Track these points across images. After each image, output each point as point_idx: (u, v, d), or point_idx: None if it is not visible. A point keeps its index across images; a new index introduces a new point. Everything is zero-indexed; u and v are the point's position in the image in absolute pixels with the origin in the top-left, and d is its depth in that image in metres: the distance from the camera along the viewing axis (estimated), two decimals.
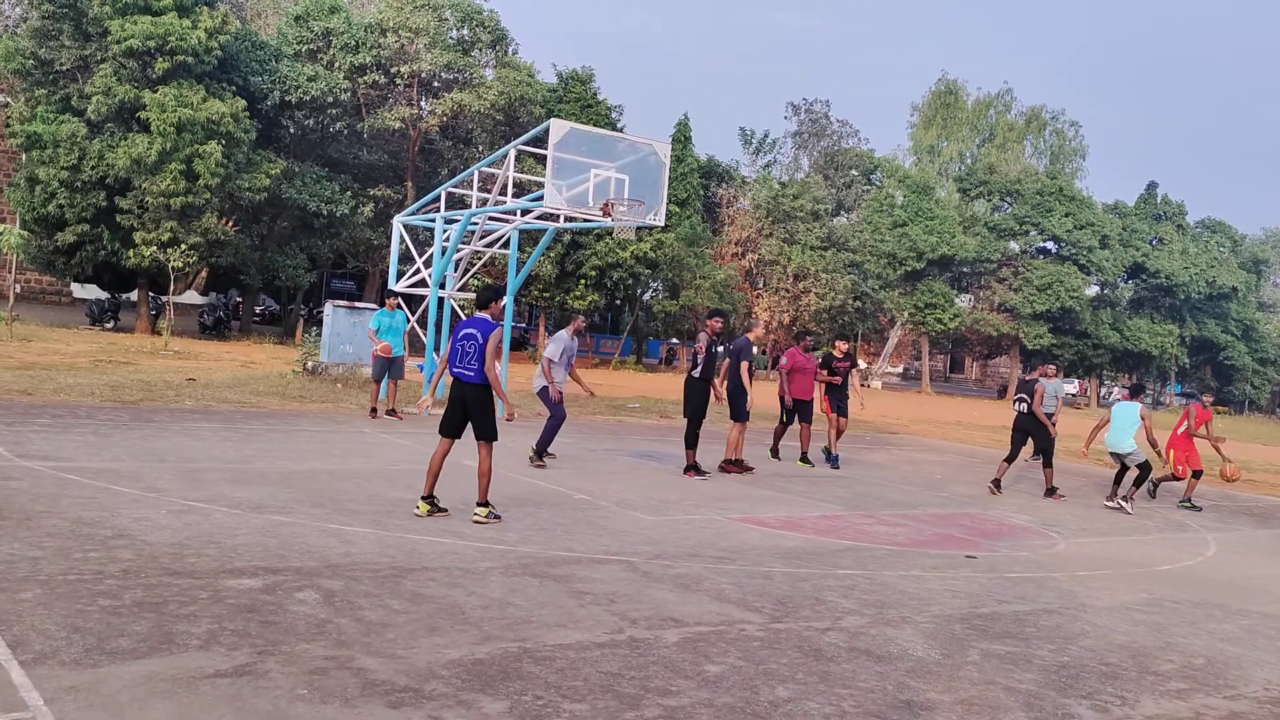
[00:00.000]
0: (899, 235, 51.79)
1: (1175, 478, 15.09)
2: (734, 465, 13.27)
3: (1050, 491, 14.24)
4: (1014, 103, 73.21)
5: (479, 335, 8.43)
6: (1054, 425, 14.82)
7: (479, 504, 8.59)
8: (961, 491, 14.01)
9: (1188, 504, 14.58)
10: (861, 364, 62.20)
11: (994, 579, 8.33)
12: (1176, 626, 7.28)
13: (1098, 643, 6.62)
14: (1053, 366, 15.79)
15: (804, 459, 15.20)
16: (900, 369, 72.69)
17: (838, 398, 15.70)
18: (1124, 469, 14.05)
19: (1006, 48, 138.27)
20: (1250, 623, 7.64)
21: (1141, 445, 13.75)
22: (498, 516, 8.61)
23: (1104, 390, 67.57)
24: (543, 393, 12.76)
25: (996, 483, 14.02)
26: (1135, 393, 14.31)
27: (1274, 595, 8.84)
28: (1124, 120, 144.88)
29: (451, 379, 8.62)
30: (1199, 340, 62.26)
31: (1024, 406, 14.40)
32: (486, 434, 8.52)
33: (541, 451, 12.39)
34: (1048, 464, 14.46)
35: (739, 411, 13.23)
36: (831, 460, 15.36)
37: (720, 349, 12.97)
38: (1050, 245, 56.42)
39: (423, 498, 8.60)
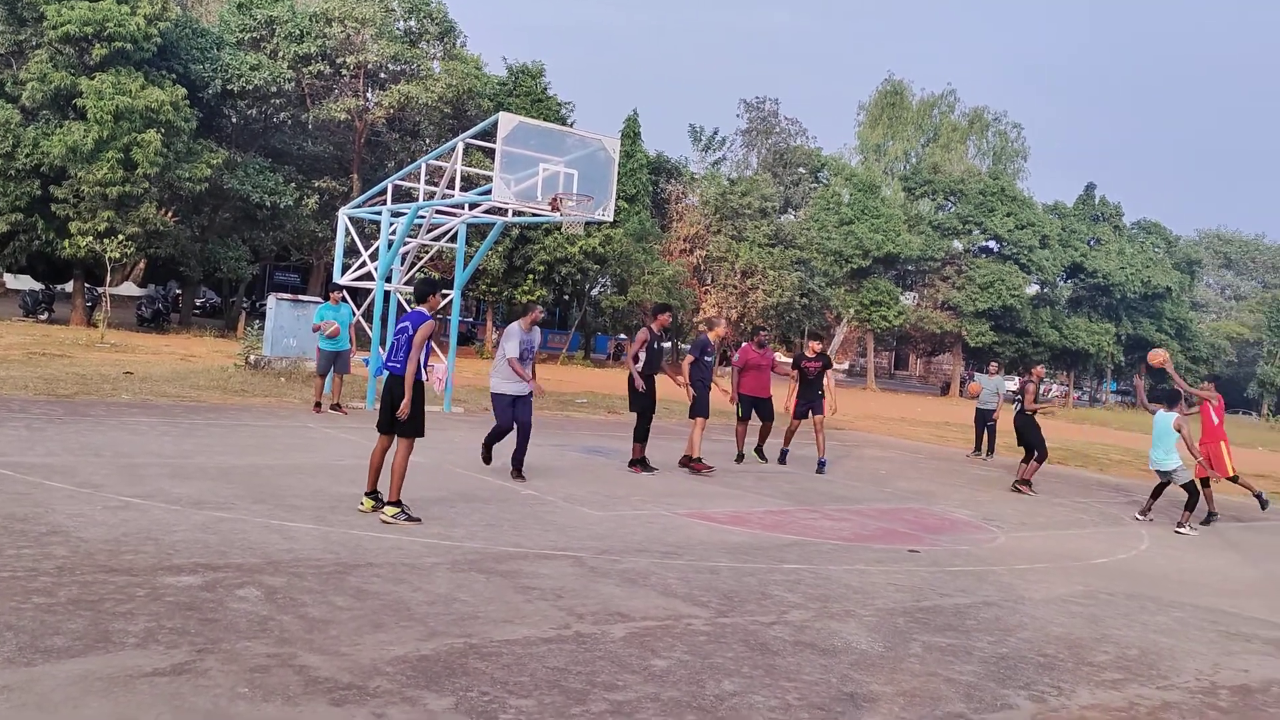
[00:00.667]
0: (845, 233, 52.30)
1: (1230, 478, 13.91)
2: (695, 462, 13.18)
3: (1022, 484, 14.61)
4: (957, 103, 74.28)
5: (411, 328, 8.27)
6: (995, 418, 15.22)
7: (389, 503, 8.15)
8: (905, 486, 14.20)
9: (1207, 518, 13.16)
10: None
11: (936, 573, 8.45)
12: (1111, 619, 7.45)
13: (1035, 634, 6.75)
14: (994, 364, 16.09)
15: (758, 451, 15.18)
16: (846, 366, 73.41)
17: (807, 398, 15.07)
18: (1163, 485, 13.03)
19: (951, 49, 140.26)
20: (1183, 614, 7.84)
21: (1184, 460, 12.57)
22: (413, 518, 8.14)
23: (1042, 388, 68.76)
24: (497, 399, 11.09)
25: (1026, 483, 14.61)
26: (1171, 401, 12.89)
27: (1205, 588, 9.08)
28: (1064, 122, 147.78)
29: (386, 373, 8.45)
30: (1134, 339, 63.68)
31: (1018, 406, 15.19)
32: (408, 430, 8.24)
33: (486, 453, 11.26)
34: (1040, 460, 14.86)
35: (700, 408, 13.22)
36: (780, 457, 15.32)
37: (658, 346, 12.80)
38: (992, 244, 57.39)
39: (366, 493, 8.50)
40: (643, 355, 12.56)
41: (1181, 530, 12.27)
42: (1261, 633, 7.50)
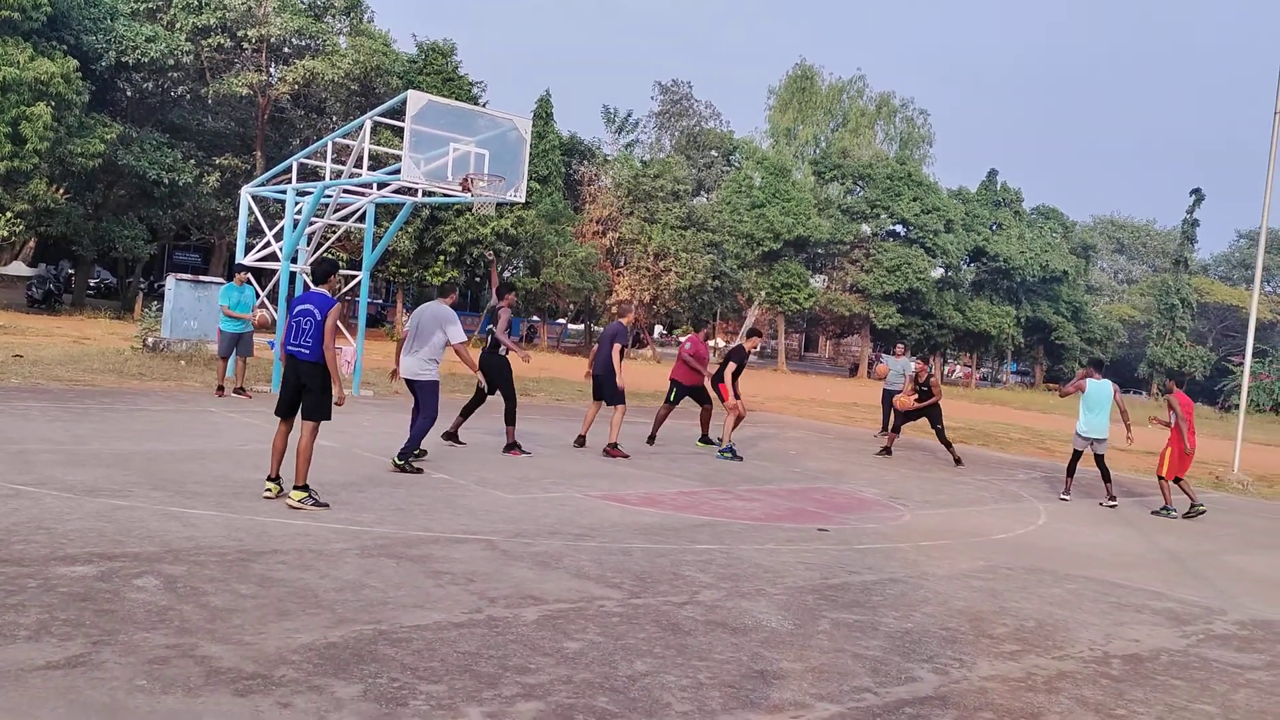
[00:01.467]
0: (757, 216, 52.79)
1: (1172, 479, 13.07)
2: (614, 448, 13.13)
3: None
4: (866, 89, 75.40)
5: (317, 311, 8.05)
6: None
7: (296, 487, 8.00)
8: (815, 466, 14.44)
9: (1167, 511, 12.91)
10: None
11: (844, 551, 8.62)
12: (1010, 592, 7.69)
13: (938, 609, 6.93)
14: (900, 345, 16.47)
15: (704, 439, 15.25)
16: (757, 347, 74.27)
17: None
18: (1078, 457, 13.52)
19: (860, 36, 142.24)
20: (1077, 587, 8.13)
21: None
22: (321, 503, 8.02)
23: (945, 368, 70.59)
24: (432, 386, 10.83)
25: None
26: (1099, 366, 13.92)
27: (1099, 561, 9.44)
28: (968, 110, 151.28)
29: (286, 356, 8.22)
30: (1033, 321, 65.75)
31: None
32: (317, 414, 8.10)
33: (407, 454, 10.43)
34: (894, 431, 15.90)
35: (615, 395, 13.18)
36: (726, 451, 14.59)
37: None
38: (899, 228, 58.60)
39: (270, 479, 8.30)
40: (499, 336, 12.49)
41: (1114, 504, 13.16)
42: (1151, 604, 7.83)
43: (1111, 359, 74.43)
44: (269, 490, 8.24)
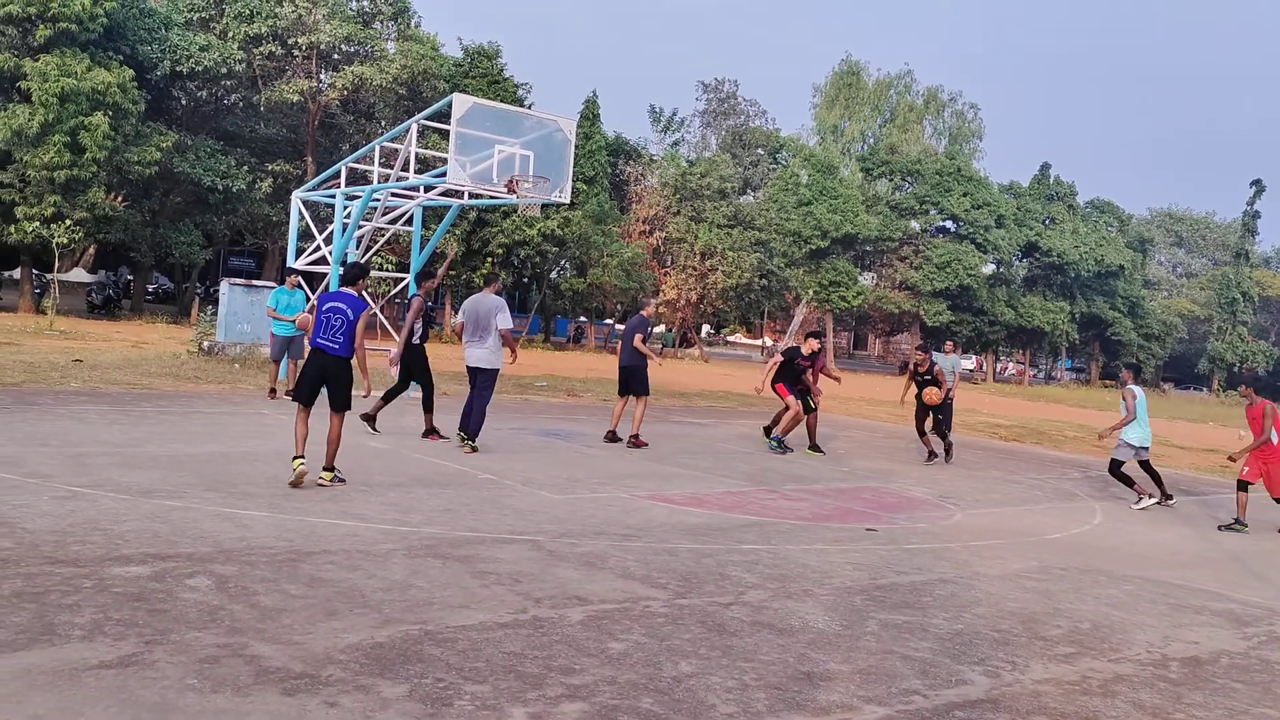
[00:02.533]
0: (804, 214, 52.49)
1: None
2: (636, 439, 13.39)
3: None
4: (913, 84, 74.66)
5: (349, 311, 8.70)
6: (951, 398, 15.43)
7: (325, 468, 8.85)
8: (863, 465, 14.30)
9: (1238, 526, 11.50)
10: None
11: (893, 551, 8.51)
12: (1064, 593, 7.54)
13: (990, 610, 6.82)
14: (950, 343, 16.23)
15: (813, 447, 15.06)
16: (815, 349, 73.74)
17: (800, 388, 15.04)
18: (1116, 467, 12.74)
19: (907, 30, 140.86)
20: (1133, 588, 7.96)
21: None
22: (342, 480, 8.91)
23: (998, 366, 69.70)
24: (494, 373, 11.82)
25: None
26: (1139, 373, 13.13)
27: (1156, 561, 9.23)
28: (1020, 103, 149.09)
29: (311, 349, 8.90)
30: (1088, 317, 64.63)
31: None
32: (342, 405, 8.83)
33: (475, 434, 11.66)
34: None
35: (642, 387, 13.38)
36: (779, 446, 14.77)
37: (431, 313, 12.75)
38: (949, 224, 57.91)
39: (296, 457, 8.75)
40: (419, 326, 12.52)
41: (1172, 502, 12.78)
42: (1210, 605, 7.64)
43: (1170, 354, 73.02)
44: (298, 464, 8.71)
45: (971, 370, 63.30)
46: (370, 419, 12.43)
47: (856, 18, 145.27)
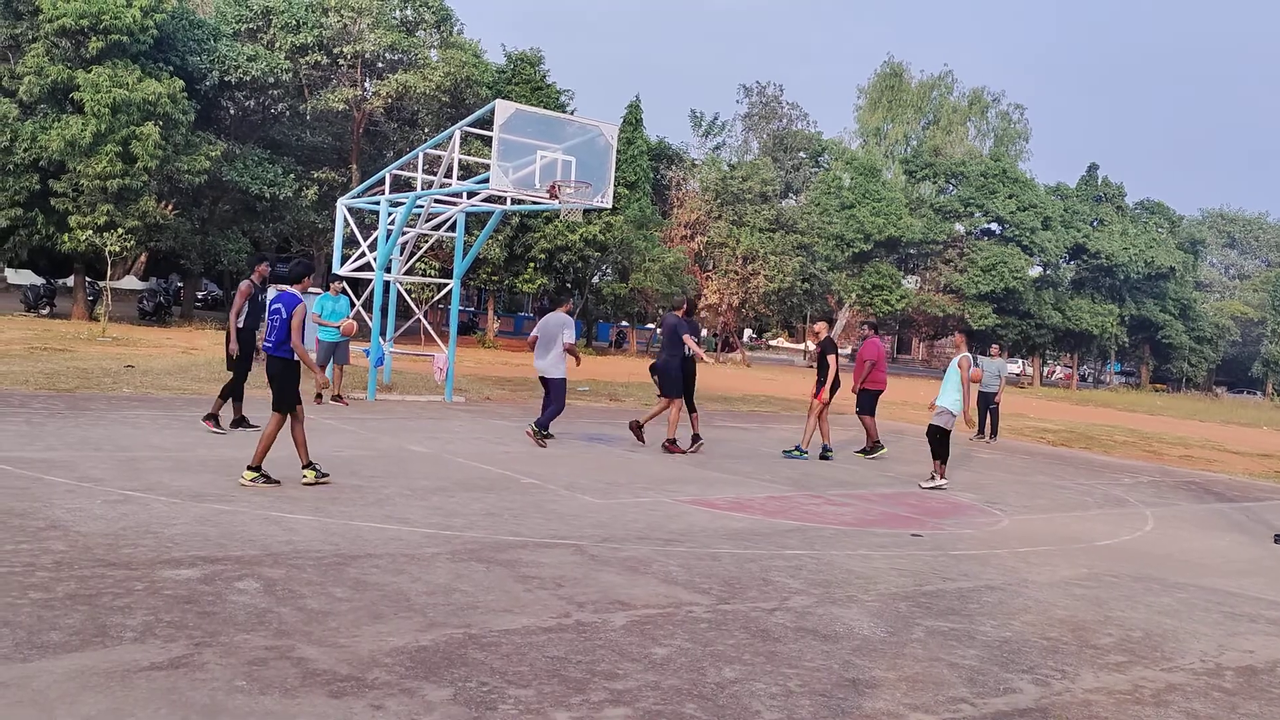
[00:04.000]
0: (846, 217, 52.18)
1: None
2: (672, 445, 13.33)
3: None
4: (955, 84, 73.99)
5: (283, 310, 8.79)
6: (997, 401, 15.22)
7: (250, 467, 8.72)
8: (908, 471, 14.16)
9: None
10: (840, 349, 62.64)
11: (939, 556, 8.42)
12: (1115, 601, 7.41)
13: (1039, 618, 6.72)
14: (995, 346, 16.04)
15: (877, 447, 15.14)
16: (848, 350, 73.31)
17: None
18: None
19: (950, 31, 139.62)
20: (1187, 596, 7.80)
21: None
22: (274, 481, 8.71)
23: (1045, 369, 68.76)
24: (561, 382, 13.34)
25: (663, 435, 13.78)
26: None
27: (1210, 568, 9.05)
28: (1066, 103, 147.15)
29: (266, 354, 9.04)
30: (1138, 320, 63.58)
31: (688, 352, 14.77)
32: (281, 405, 8.82)
33: (544, 426, 13.11)
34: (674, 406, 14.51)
35: (673, 388, 13.38)
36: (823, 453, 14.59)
37: (261, 299, 11.93)
38: (994, 227, 57.25)
39: (305, 466, 8.89)
40: (245, 309, 11.81)
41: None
42: (1266, 613, 7.46)
43: (1223, 358, 71.59)
44: (306, 477, 8.85)
45: (1017, 374, 62.55)
46: (213, 418, 11.74)
47: (899, 19, 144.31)
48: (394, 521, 7.84)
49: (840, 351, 15.36)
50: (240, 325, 11.71)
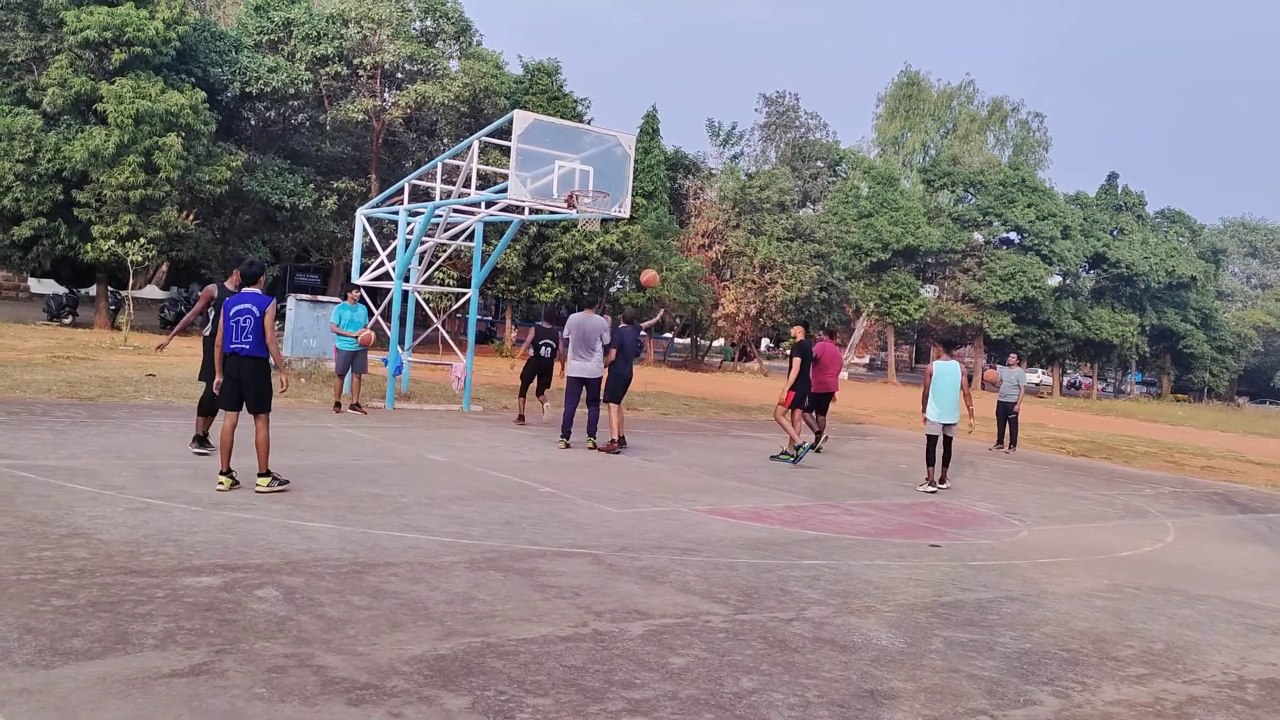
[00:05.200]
0: (864, 226, 52.05)
1: None
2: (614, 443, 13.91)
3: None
4: (976, 94, 73.76)
5: (255, 309, 8.69)
6: (1016, 411, 15.21)
7: (260, 474, 8.75)
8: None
9: None
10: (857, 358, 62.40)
11: (957, 567, 8.38)
12: (1136, 612, 7.36)
13: (1059, 629, 6.67)
14: (1014, 355, 16.00)
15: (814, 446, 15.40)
16: (866, 360, 73.12)
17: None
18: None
19: (968, 39, 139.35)
20: (1209, 608, 7.74)
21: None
22: (284, 483, 8.83)
23: (1064, 379, 68.34)
24: (599, 381, 13.83)
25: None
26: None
27: (1232, 580, 8.97)
28: (1085, 111, 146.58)
29: (225, 355, 8.79)
30: (1159, 329, 63.13)
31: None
32: (263, 406, 8.83)
33: (594, 432, 13.88)
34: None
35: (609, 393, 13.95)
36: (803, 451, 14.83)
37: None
38: (1013, 236, 56.98)
39: (222, 473, 8.78)
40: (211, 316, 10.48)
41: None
42: None
43: (1245, 368, 71.00)
44: (221, 484, 8.70)
45: (1037, 384, 62.17)
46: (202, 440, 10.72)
47: (918, 28, 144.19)
48: (412, 530, 7.87)
49: (855, 360, 15.44)
50: (207, 333, 10.51)
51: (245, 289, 9.07)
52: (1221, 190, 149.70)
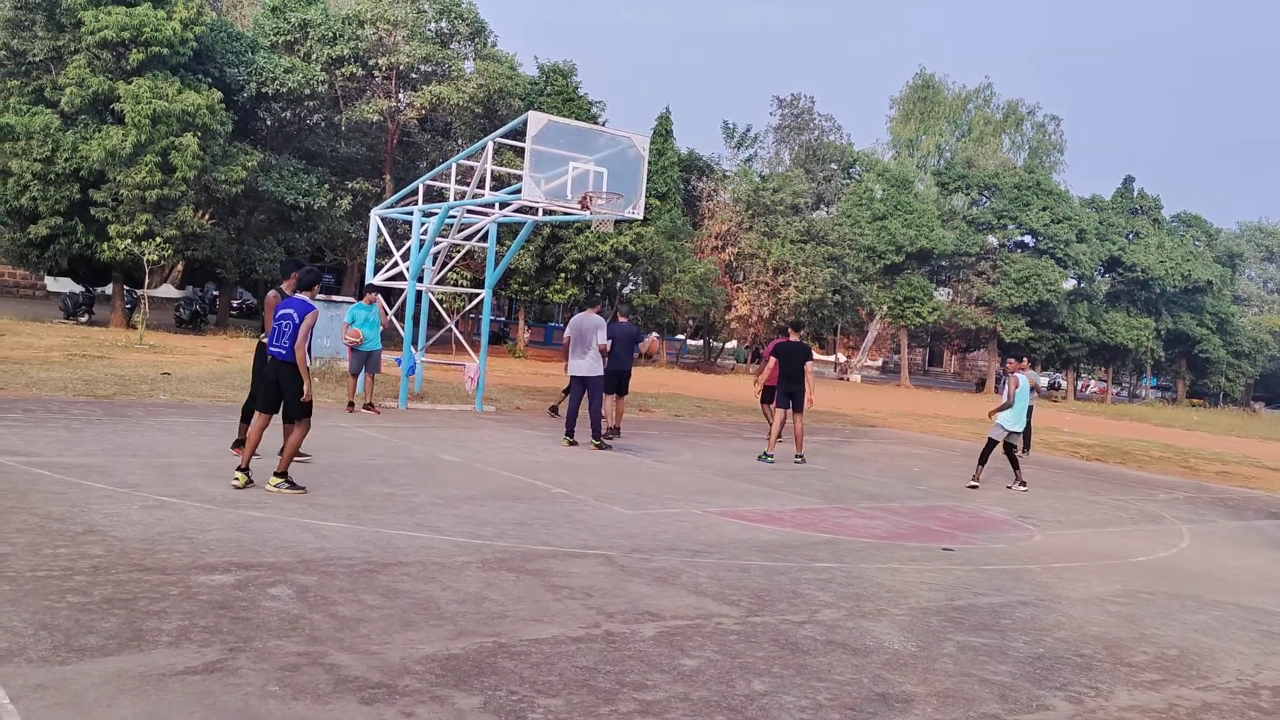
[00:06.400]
0: (878, 229, 51.93)
1: None
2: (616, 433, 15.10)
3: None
4: (993, 97, 73.49)
5: (295, 316, 8.77)
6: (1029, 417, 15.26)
7: (276, 473, 8.77)
8: (939, 484, 14.06)
9: None
10: (870, 360, 62.42)
11: (970, 571, 8.35)
12: (1151, 618, 7.32)
13: (1072, 634, 6.65)
14: (1025, 359, 15.95)
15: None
16: (879, 362, 72.91)
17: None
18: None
19: (984, 42, 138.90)
20: (1224, 614, 7.69)
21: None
22: (298, 488, 8.76)
23: (1079, 383, 68.02)
24: (600, 379, 14.03)
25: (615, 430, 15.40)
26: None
27: (1247, 586, 8.91)
28: (1101, 114, 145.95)
29: (268, 357, 8.98)
30: (1174, 334, 62.77)
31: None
32: (299, 413, 8.84)
33: (598, 434, 14.07)
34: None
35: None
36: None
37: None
38: (1028, 239, 56.74)
39: (240, 469, 8.83)
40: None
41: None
42: None
43: (1261, 372, 70.53)
44: (237, 480, 8.76)
45: (1051, 388, 61.90)
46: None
47: (933, 31, 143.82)
48: (425, 530, 7.89)
49: (868, 363, 15.53)
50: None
51: (296, 294, 9.09)
52: (1238, 194, 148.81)
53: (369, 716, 4.25)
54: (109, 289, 34.60)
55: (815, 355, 16.93)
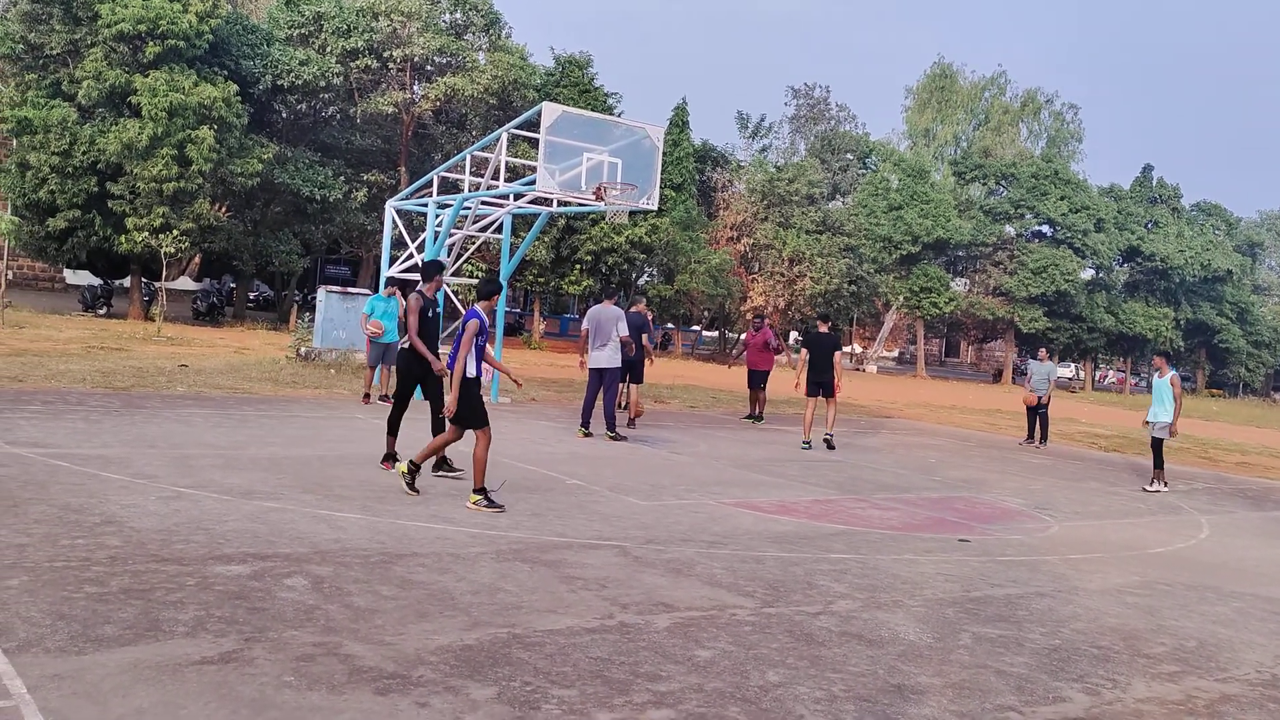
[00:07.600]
0: (894, 219, 51.71)
1: None
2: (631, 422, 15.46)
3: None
4: (1009, 85, 72.98)
5: (461, 325, 8.91)
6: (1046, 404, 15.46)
7: (475, 489, 8.62)
8: (956, 475, 14.01)
9: None
10: (886, 351, 62.18)
11: (986, 562, 8.32)
12: (1169, 609, 7.27)
13: (1089, 625, 6.61)
14: (1044, 350, 15.89)
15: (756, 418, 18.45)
16: (896, 353, 72.72)
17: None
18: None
19: (1002, 30, 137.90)
20: (1243, 605, 7.63)
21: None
22: (496, 506, 8.45)
23: (1097, 373, 67.63)
24: (616, 371, 14.27)
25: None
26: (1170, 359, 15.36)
27: (1267, 577, 8.85)
28: (1120, 103, 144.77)
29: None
30: (1194, 323, 62.32)
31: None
32: (469, 423, 8.76)
33: (612, 426, 14.20)
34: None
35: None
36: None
37: (433, 314, 10.03)
38: (1045, 229, 56.40)
39: (399, 460, 9.22)
40: (419, 327, 9.80)
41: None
42: None
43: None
44: (400, 470, 8.96)
45: (1069, 379, 61.57)
46: (391, 457, 10.11)
47: (949, 20, 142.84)
48: (440, 521, 7.90)
49: (884, 354, 15.59)
50: (406, 345, 9.92)
51: (474, 304, 8.98)
52: (1259, 183, 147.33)
53: (383, 707, 4.26)
54: (127, 282, 34.80)
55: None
